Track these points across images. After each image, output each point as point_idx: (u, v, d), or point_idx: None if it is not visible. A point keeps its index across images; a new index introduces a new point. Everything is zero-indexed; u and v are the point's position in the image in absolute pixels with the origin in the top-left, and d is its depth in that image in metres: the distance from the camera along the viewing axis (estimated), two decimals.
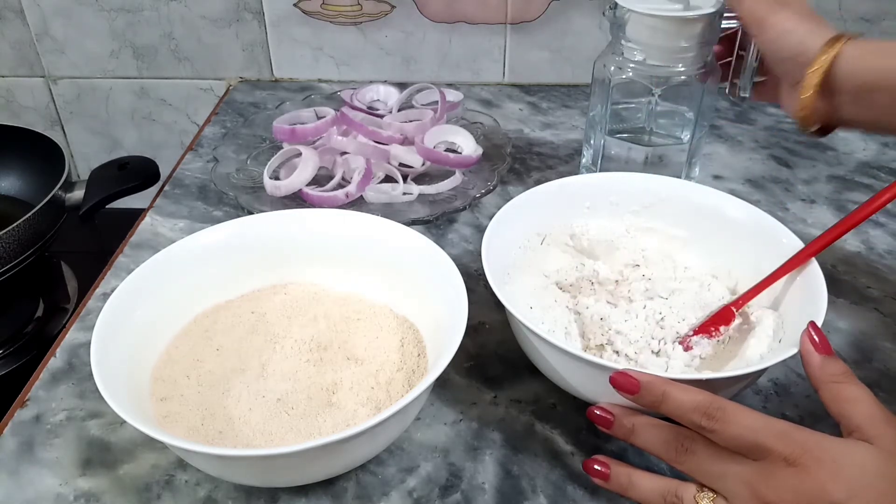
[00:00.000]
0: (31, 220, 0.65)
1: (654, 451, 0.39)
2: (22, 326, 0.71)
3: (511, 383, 0.50)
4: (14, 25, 0.89)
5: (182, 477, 0.44)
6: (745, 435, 0.35)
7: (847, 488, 0.33)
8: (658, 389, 0.38)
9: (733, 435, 0.36)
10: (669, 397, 0.38)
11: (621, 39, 0.59)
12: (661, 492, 0.38)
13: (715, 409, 0.36)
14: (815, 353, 0.39)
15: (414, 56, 0.90)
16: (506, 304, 0.44)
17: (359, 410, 0.44)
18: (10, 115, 0.96)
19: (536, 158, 0.76)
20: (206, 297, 0.51)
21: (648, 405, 0.38)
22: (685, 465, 0.38)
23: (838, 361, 0.39)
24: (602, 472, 0.40)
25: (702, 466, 0.37)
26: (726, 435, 0.36)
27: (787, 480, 0.34)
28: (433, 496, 0.43)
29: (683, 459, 0.38)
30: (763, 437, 0.35)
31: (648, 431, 0.39)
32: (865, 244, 0.63)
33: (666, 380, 0.38)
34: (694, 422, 0.37)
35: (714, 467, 0.37)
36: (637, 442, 0.40)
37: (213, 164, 0.70)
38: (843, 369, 0.38)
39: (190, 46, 0.90)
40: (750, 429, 0.35)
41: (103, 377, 0.40)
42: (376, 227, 0.52)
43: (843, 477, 0.34)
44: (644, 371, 0.39)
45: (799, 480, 0.34)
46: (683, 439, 0.38)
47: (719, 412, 0.36)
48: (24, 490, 0.44)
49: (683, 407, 0.37)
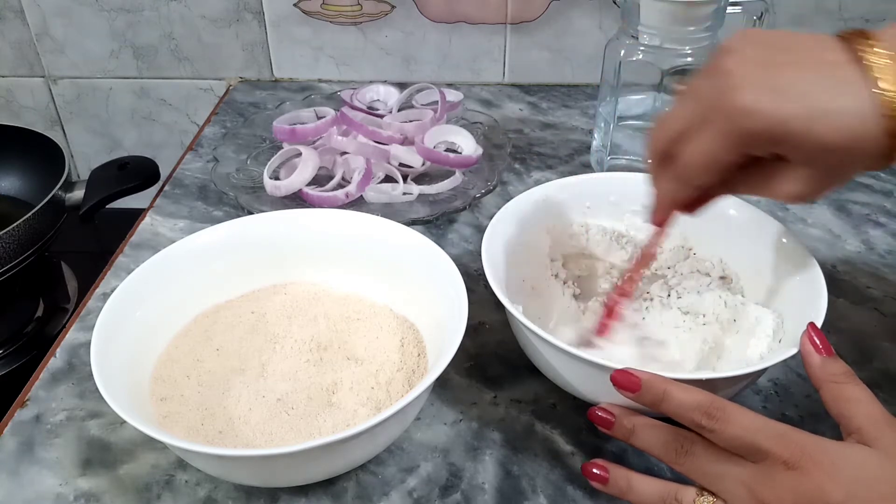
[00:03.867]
0: (31, 220, 0.65)
1: (654, 451, 0.39)
2: (22, 326, 0.71)
3: (511, 383, 0.50)
4: (14, 25, 0.89)
5: (182, 477, 0.44)
6: (744, 436, 0.35)
7: (846, 491, 0.33)
8: (659, 388, 0.38)
9: (733, 435, 0.36)
10: (670, 396, 0.37)
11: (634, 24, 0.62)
12: (660, 495, 0.38)
13: (715, 409, 0.36)
14: (815, 353, 0.39)
15: (414, 56, 0.90)
16: (506, 303, 0.44)
17: (359, 410, 0.44)
18: (10, 115, 0.96)
19: (536, 158, 0.76)
20: (206, 297, 0.51)
21: (649, 404, 0.38)
22: (684, 466, 0.38)
23: (839, 361, 0.39)
24: (601, 476, 0.40)
25: (701, 468, 0.37)
26: (726, 435, 0.36)
27: (785, 483, 0.34)
28: (433, 496, 0.43)
29: (683, 461, 0.38)
30: (762, 438, 0.35)
31: (648, 432, 0.39)
32: (865, 244, 0.63)
33: (667, 379, 0.38)
34: (694, 421, 0.37)
35: (713, 469, 0.37)
36: (636, 443, 0.40)
37: (213, 164, 0.70)
38: (844, 369, 0.38)
39: (190, 46, 0.90)
40: (749, 430, 0.35)
41: (103, 377, 0.40)
42: (376, 227, 0.52)
43: (842, 479, 0.33)
44: (645, 370, 0.39)
45: (797, 483, 0.34)
46: (683, 441, 0.38)
47: (719, 412, 0.36)
48: (24, 490, 0.44)
49: (684, 406, 0.37)
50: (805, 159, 0.35)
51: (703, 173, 0.38)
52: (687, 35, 0.61)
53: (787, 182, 0.37)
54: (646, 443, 0.39)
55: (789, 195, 0.38)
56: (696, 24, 0.60)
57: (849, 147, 0.34)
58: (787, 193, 0.38)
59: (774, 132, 0.34)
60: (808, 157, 0.35)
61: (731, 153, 0.36)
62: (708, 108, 0.36)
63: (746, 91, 0.34)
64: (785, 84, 0.34)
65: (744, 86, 0.34)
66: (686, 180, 0.39)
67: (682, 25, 0.61)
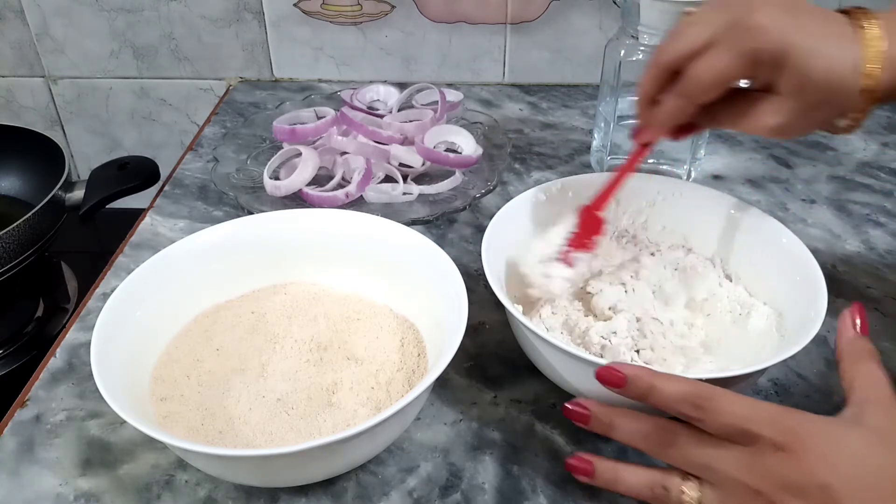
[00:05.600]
0: (31, 220, 0.65)
1: (635, 444, 0.39)
2: (22, 326, 0.71)
3: (511, 383, 0.50)
4: (14, 25, 0.89)
5: (182, 477, 0.44)
6: (734, 423, 0.35)
7: (837, 472, 0.33)
8: (644, 382, 0.37)
9: (723, 424, 0.36)
10: (656, 389, 0.37)
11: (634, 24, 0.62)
12: (647, 483, 0.38)
13: (703, 399, 0.36)
14: (851, 328, 0.40)
15: (414, 56, 0.90)
16: (506, 303, 0.44)
17: (359, 410, 0.44)
18: (10, 115, 0.96)
19: (536, 158, 0.76)
20: (206, 296, 0.51)
21: (636, 398, 0.38)
22: (668, 457, 0.38)
23: (870, 343, 0.39)
24: (584, 469, 0.40)
25: (685, 457, 0.37)
26: (716, 424, 0.36)
27: (775, 466, 0.34)
28: (433, 496, 0.43)
29: (665, 452, 0.38)
30: (753, 424, 0.35)
31: (627, 425, 0.39)
32: (865, 244, 0.63)
33: (653, 372, 0.38)
34: (683, 413, 0.37)
35: (697, 457, 0.37)
36: (616, 436, 0.39)
37: (213, 164, 0.70)
38: (872, 349, 0.39)
39: (190, 46, 0.90)
40: (739, 416, 0.35)
41: (103, 377, 0.40)
42: (376, 227, 0.52)
43: (833, 461, 0.34)
44: (630, 364, 0.39)
45: (787, 465, 0.34)
46: (663, 432, 0.38)
47: (707, 402, 0.36)
48: (24, 490, 0.44)
49: (671, 398, 0.37)
50: (792, 89, 0.41)
51: (710, 88, 0.42)
52: None
53: (768, 114, 0.42)
54: (626, 436, 0.39)
55: (767, 126, 0.43)
56: None
57: (831, 88, 0.40)
58: (766, 125, 0.43)
59: (778, 54, 0.40)
60: (796, 88, 0.41)
61: (739, 70, 0.41)
62: (725, 27, 0.41)
63: (766, 13, 0.40)
64: (797, 20, 0.40)
65: (764, 9, 0.40)
66: (692, 95, 0.43)
67: None
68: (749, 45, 0.40)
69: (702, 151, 0.70)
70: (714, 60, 0.41)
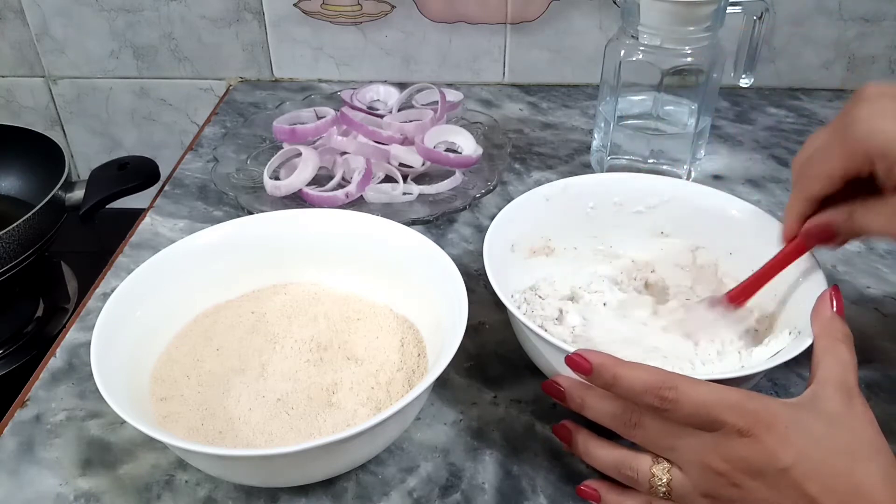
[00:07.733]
0: (31, 220, 0.65)
1: (605, 423, 0.39)
2: (22, 326, 0.71)
3: (511, 383, 0.50)
4: (14, 25, 0.89)
5: (182, 477, 0.44)
6: (699, 412, 0.36)
7: (796, 454, 0.34)
8: (608, 372, 0.38)
9: (687, 413, 0.36)
10: (620, 379, 0.37)
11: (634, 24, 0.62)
12: (615, 463, 0.39)
13: (666, 390, 0.36)
14: (829, 308, 0.41)
15: (414, 56, 0.90)
16: (506, 303, 0.44)
17: (359, 410, 0.44)
18: (10, 115, 0.96)
19: (536, 158, 0.76)
20: (206, 296, 0.51)
21: (602, 387, 0.38)
22: (636, 438, 0.38)
23: (845, 325, 0.40)
24: (564, 435, 0.42)
25: (652, 440, 0.38)
26: (681, 414, 0.36)
27: (738, 450, 0.35)
28: (433, 496, 0.43)
29: (633, 433, 0.38)
30: (717, 411, 0.35)
31: (598, 404, 0.39)
32: (865, 244, 0.63)
33: (618, 361, 0.38)
34: (647, 404, 0.37)
35: (664, 441, 0.37)
36: (588, 415, 0.40)
37: (213, 164, 0.70)
38: (846, 331, 0.40)
39: (190, 46, 0.90)
40: (703, 405, 0.36)
41: (103, 377, 0.40)
42: (376, 227, 0.52)
43: (793, 443, 0.34)
44: (598, 352, 0.39)
45: (750, 449, 0.35)
46: (631, 413, 0.38)
47: (671, 392, 0.36)
48: (24, 490, 0.44)
49: (634, 389, 0.37)
50: None
51: (815, 181, 0.42)
52: (687, 35, 0.61)
53: None
54: (596, 414, 0.40)
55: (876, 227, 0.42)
56: (696, 24, 0.61)
57: None
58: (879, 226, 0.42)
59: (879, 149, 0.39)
60: None
61: (842, 165, 0.41)
62: (837, 131, 0.41)
63: (872, 121, 0.39)
64: None
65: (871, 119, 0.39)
66: (803, 190, 0.43)
67: (682, 25, 0.61)
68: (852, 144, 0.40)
69: (702, 151, 0.70)
70: (821, 157, 0.42)
